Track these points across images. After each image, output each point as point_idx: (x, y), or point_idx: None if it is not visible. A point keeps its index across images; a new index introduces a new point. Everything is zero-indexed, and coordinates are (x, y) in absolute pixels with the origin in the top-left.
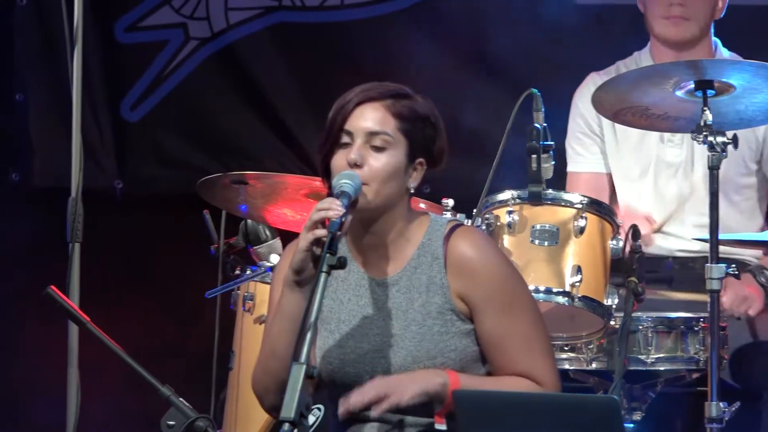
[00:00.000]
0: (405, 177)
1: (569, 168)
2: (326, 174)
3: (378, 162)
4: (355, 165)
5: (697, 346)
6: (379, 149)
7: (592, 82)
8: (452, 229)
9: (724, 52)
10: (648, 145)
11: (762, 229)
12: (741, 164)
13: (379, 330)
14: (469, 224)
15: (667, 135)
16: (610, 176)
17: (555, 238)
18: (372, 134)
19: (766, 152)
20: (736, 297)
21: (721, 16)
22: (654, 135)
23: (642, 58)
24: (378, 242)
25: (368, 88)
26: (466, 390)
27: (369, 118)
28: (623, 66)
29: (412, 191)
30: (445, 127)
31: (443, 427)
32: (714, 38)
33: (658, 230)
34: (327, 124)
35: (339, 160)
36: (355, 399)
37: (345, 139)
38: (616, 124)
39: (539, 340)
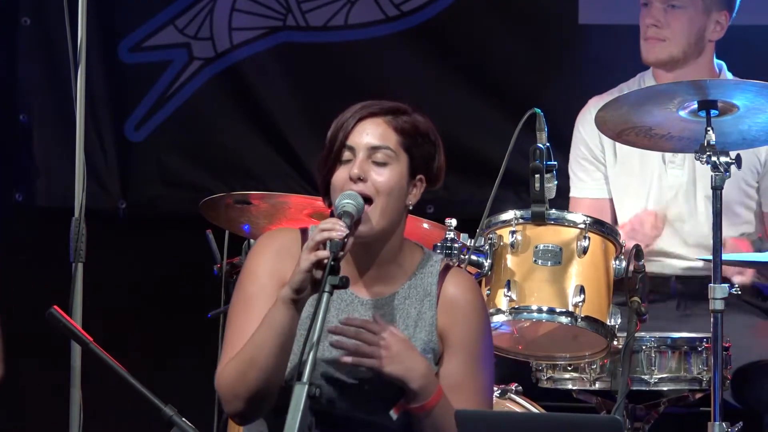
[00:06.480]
0: (405, 194)
1: (572, 193)
2: (326, 192)
3: (381, 176)
4: (358, 179)
5: (700, 366)
6: (381, 164)
7: (594, 106)
8: (446, 268)
9: (728, 76)
10: (649, 168)
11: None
12: (742, 189)
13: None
14: (472, 244)
15: (668, 157)
16: (612, 201)
17: (558, 258)
18: (374, 149)
19: (765, 175)
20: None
21: (720, 37)
22: (655, 157)
23: (645, 80)
24: (370, 261)
25: (368, 105)
26: (469, 410)
27: (371, 133)
28: (626, 87)
29: (410, 208)
30: (448, 147)
31: (395, 416)
32: (718, 61)
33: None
34: (327, 141)
35: (340, 175)
36: (353, 324)
37: (346, 155)
38: (617, 147)
39: (490, 393)
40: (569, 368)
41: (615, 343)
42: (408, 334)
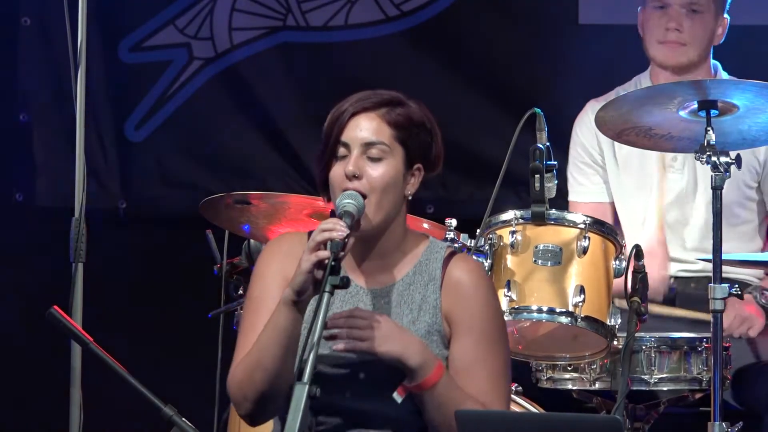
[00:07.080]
0: (403, 184)
1: (570, 197)
2: (324, 187)
3: (376, 172)
4: (353, 177)
5: (700, 366)
6: (376, 159)
7: (591, 110)
8: (452, 254)
9: (724, 75)
10: (649, 171)
11: (762, 251)
12: (741, 189)
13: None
14: (472, 244)
15: (668, 160)
16: (612, 205)
17: (558, 258)
18: (368, 145)
19: (765, 176)
20: (736, 317)
21: (721, 42)
22: (655, 161)
23: (642, 82)
24: (373, 251)
25: (362, 98)
26: (469, 410)
27: (364, 128)
28: (622, 90)
29: (410, 198)
30: (448, 147)
31: (399, 398)
32: (714, 61)
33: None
34: (323, 136)
35: (337, 172)
36: (342, 315)
37: (341, 151)
38: (617, 151)
39: (505, 379)
40: (569, 368)
41: (615, 343)
42: (412, 318)
